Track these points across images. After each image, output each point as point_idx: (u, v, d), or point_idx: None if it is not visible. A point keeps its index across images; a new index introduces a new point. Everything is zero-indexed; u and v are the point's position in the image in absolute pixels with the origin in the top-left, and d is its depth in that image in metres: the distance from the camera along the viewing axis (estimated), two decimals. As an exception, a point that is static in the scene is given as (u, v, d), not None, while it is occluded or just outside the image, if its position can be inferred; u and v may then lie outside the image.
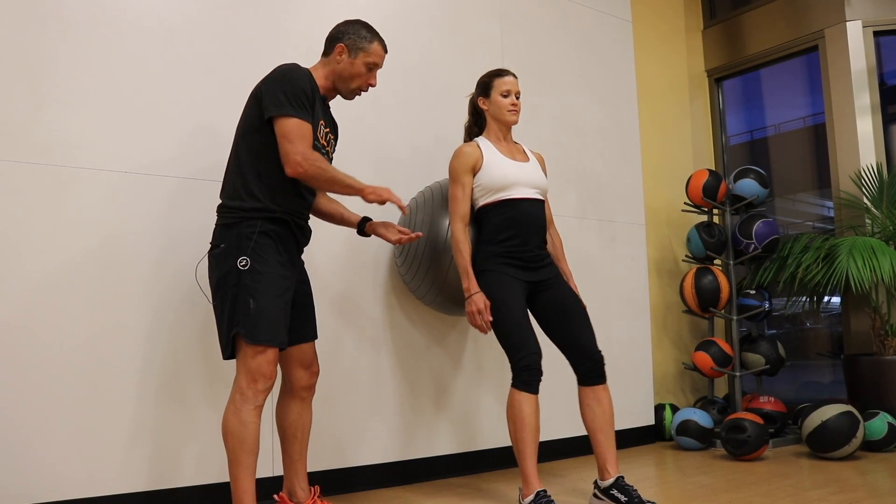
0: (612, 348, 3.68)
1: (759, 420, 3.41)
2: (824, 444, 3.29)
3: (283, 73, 2.17)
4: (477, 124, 2.79)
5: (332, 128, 2.39)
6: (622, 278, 3.96)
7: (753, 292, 3.99)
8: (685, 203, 4.19)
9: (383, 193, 2.18)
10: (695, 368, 3.96)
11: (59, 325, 2.35)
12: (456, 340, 3.29)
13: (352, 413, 2.94)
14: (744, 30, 4.76)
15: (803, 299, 4.05)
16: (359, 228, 2.47)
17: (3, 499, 2.20)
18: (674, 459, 3.51)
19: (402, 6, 3.30)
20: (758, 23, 4.68)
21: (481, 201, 2.63)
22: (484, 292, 2.53)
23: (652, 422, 4.01)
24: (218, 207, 2.21)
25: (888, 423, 3.43)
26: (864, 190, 4.00)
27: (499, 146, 2.67)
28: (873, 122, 4.11)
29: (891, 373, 3.63)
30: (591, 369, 2.54)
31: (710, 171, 4.08)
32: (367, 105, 3.05)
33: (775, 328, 4.76)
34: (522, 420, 2.42)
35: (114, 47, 2.54)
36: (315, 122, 2.20)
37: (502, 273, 2.55)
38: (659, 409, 4.05)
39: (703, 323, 4.44)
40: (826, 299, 4.13)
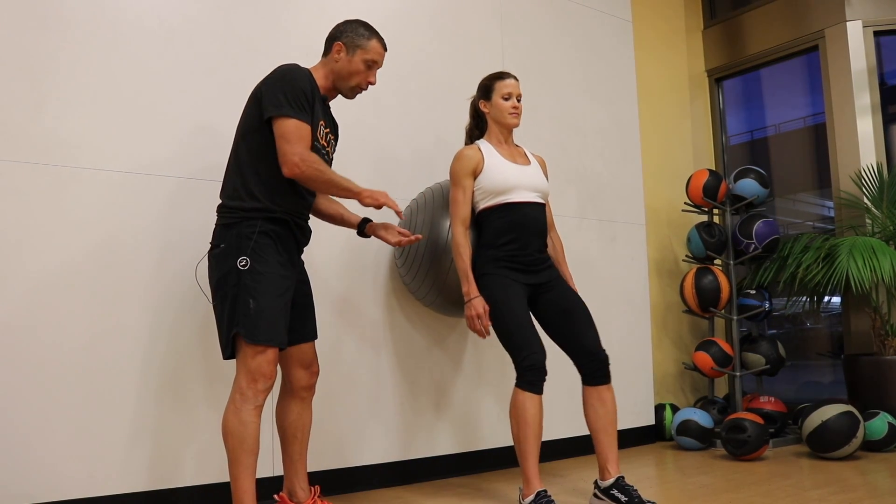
0: (613, 348, 3.65)
1: (759, 420, 3.41)
2: (824, 444, 3.29)
3: (283, 73, 2.16)
4: (478, 127, 2.78)
5: (333, 128, 2.38)
6: (622, 278, 3.96)
7: (754, 292, 3.99)
8: (685, 203, 4.19)
9: (380, 197, 2.18)
10: (695, 368, 3.96)
11: (60, 325, 2.35)
12: (456, 342, 3.29)
13: (352, 413, 2.94)
14: (744, 30, 4.75)
15: (803, 299, 4.05)
16: (359, 230, 2.47)
17: (3, 499, 2.20)
18: (674, 459, 3.51)
19: (402, 6, 3.30)
20: (758, 23, 4.68)
21: (482, 205, 2.63)
22: (484, 295, 2.53)
23: (652, 422, 4.01)
24: (218, 207, 2.21)
25: (888, 423, 3.43)
26: (864, 190, 4.00)
27: (500, 149, 2.67)
28: (873, 121, 4.11)
29: (891, 373, 3.63)
30: (596, 369, 2.53)
31: (711, 171, 4.08)
32: (368, 106, 3.05)
33: (775, 328, 4.76)
34: (526, 420, 2.41)
35: (114, 47, 2.54)
36: (315, 123, 2.19)
37: (503, 276, 2.54)
38: (659, 409, 4.05)
39: (703, 323, 4.44)
40: (826, 299, 4.13)
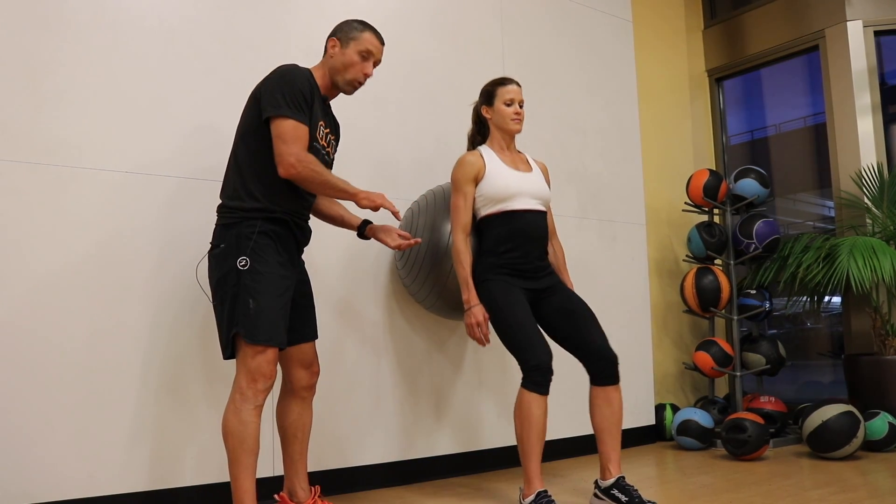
0: (613, 348, 3.67)
1: (759, 420, 3.40)
2: (825, 444, 3.29)
3: (282, 73, 2.16)
4: (480, 133, 2.77)
5: (333, 128, 2.38)
6: (622, 278, 3.96)
7: (754, 292, 3.99)
8: (686, 203, 4.18)
9: (377, 199, 2.17)
10: (695, 368, 3.96)
11: (60, 325, 2.35)
12: (456, 345, 3.29)
13: (352, 413, 2.93)
14: (744, 30, 4.75)
15: (804, 299, 4.05)
16: (359, 231, 2.47)
17: (3, 499, 2.20)
18: (674, 459, 3.51)
19: (402, 7, 3.30)
20: (758, 23, 4.68)
21: (483, 212, 2.61)
22: (486, 299, 2.52)
23: (652, 422, 4.01)
24: (218, 207, 2.21)
25: (889, 422, 3.43)
26: (864, 190, 4.00)
27: (501, 155, 2.66)
28: (874, 121, 4.11)
29: (891, 373, 3.62)
30: (604, 369, 2.52)
31: (711, 170, 4.08)
32: (368, 107, 3.05)
33: (776, 328, 4.76)
34: (530, 421, 2.40)
35: (114, 47, 2.54)
36: (314, 124, 2.19)
37: (503, 281, 2.53)
38: (659, 409, 4.05)
39: (703, 323, 4.44)
40: (826, 299, 4.13)
